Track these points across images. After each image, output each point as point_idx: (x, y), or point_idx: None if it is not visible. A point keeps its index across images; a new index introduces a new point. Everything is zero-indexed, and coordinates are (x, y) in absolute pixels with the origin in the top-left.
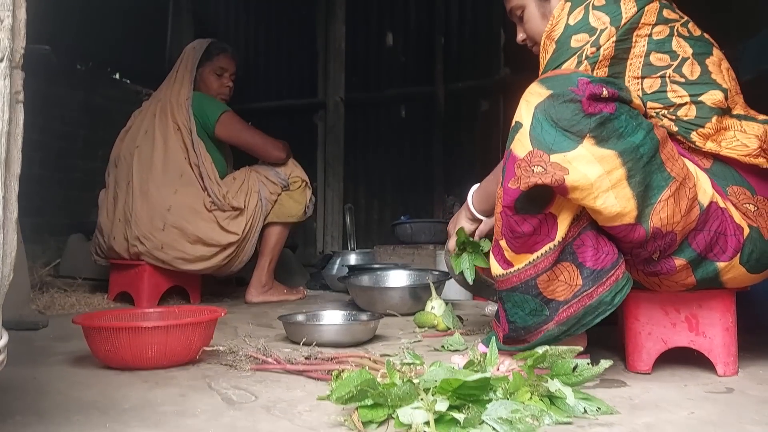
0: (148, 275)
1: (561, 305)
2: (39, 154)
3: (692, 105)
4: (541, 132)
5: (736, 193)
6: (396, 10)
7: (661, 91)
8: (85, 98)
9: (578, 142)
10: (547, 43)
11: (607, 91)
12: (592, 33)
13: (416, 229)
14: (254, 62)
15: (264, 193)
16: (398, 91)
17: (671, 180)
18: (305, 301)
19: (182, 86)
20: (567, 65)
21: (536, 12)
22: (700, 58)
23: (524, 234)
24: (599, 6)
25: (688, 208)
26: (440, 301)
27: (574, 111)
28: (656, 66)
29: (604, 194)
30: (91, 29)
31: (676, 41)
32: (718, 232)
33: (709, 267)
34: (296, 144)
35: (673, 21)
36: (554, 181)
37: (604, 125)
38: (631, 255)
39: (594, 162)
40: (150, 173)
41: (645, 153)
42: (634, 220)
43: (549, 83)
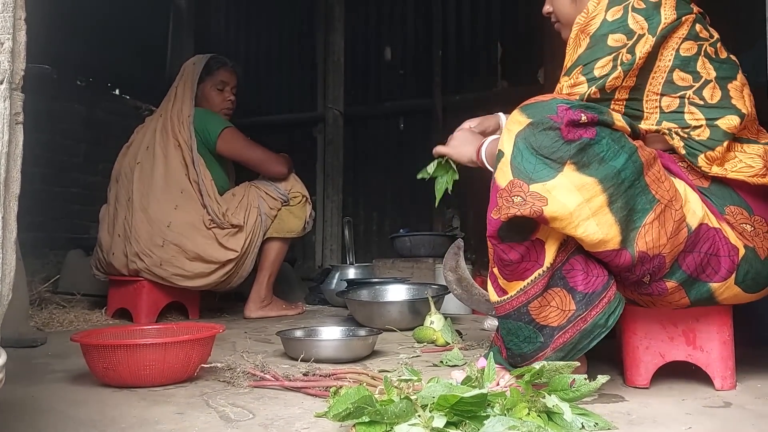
0: (146, 291)
1: (555, 331)
2: (40, 169)
3: (707, 128)
4: (522, 161)
5: (733, 213)
6: (394, 24)
7: (679, 112)
8: (85, 113)
9: (558, 169)
10: (581, 37)
11: (585, 117)
12: (630, 36)
13: (415, 243)
14: (254, 77)
15: (264, 209)
16: (397, 104)
17: (656, 203)
18: (304, 316)
19: (183, 103)
20: (602, 63)
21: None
22: (723, 82)
23: (512, 262)
24: (638, 9)
25: (674, 230)
26: (439, 316)
27: (553, 138)
28: (678, 85)
29: (584, 222)
30: (92, 45)
31: (701, 61)
32: (709, 253)
33: (702, 288)
34: (296, 157)
35: (703, 40)
36: (533, 212)
37: (584, 151)
38: (621, 278)
39: (573, 190)
40: (151, 189)
41: (627, 177)
42: (618, 246)
43: (529, 111)
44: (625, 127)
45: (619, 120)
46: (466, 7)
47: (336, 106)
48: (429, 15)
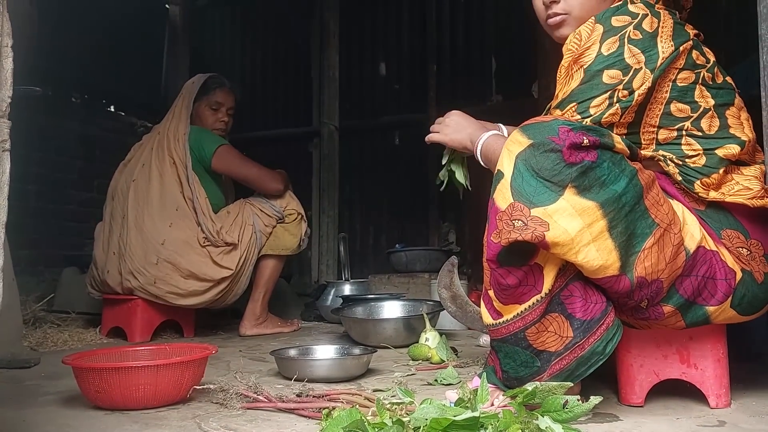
0: (141, 310)
1: (553, 357)
2: (35, 187)
3: (704, 156)
4: (522, 183)
5: (729, 236)
6: (389, 39)
7: (676, 143)
8: (80, 130)
9: (559, 193)
10: (574, 68)
11: (587, 140)
12: (626, 72)
13: (411, 258)
14: (250, 92)
15: (258, 226)
16: (392, 118)
17: (655, 227)
18: (299, 334)
19: (180, 121)
20: (598, 102)
21: None
22: (721, 109)
23: (510, 286)
24: (635, 40)
25: (673, 254)
26: (434, 333)
27: (555, 161)
28: (675, 117)
29: (585, 248)
30: (87, 62)
31: (699, 90)
32: (706, 276)
33: (699, 311)
34: (291, 171)
35: (700, 67)
36: (534, 237)
37: (585, 174)
38: (618, 303)
39: (575, 215)
40: (146, 207)
41: (627, 201)
42: (617, 271)
43: (530, 132)
44: (624, 149)
45: (619, 142)
46: (460, 22)
47: (331, 120)
48: (423, 30)
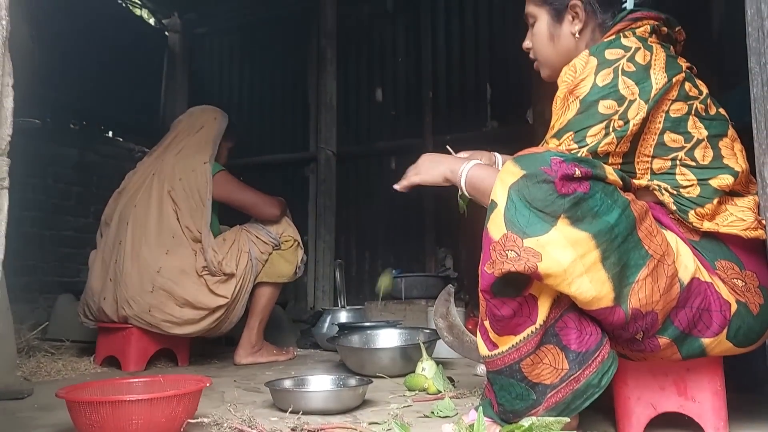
0: (135, 339)
1: (548, 389)
2: (32, 213)
3: (698, 186)
4: (515, 214)
5: (724, 267)
6: (385, 65)
7: (670, 173)
8: (78, 156)
9: (552, 223)
10: (570, 99)
11: (580, 171)
12: (621, 102)
13: (408, 284)
14: (247, 118)
15: (255, 253)
16: (388, 144)
17: (648, 258)
18: (295, 362)
19: (202, 153)
20: (594, 131)
21: (545, 30)
22: (714, 140)
23: (504, 317)
24: (629, 72)
25: (667, 286)
26: (431, 362)
27: (547, 192)
28: (669, 147)
29: (578, 279)
30: (86, 88)
31: (692, 121)
32: (701, 308)
33: (695, 343)
34: (288, 197)
35: (692, 99)
36: (527, 269)
37: (578, 205)
38: (613, 335)
39: (567, 246)
40: (143, 234)
41: (620, 233)
42: (611, 303)
43: (523, 163)
44: (617, 180)
45: (611, 173)
46: (455, 49)
47: (328, 146)
48: (419, 57)
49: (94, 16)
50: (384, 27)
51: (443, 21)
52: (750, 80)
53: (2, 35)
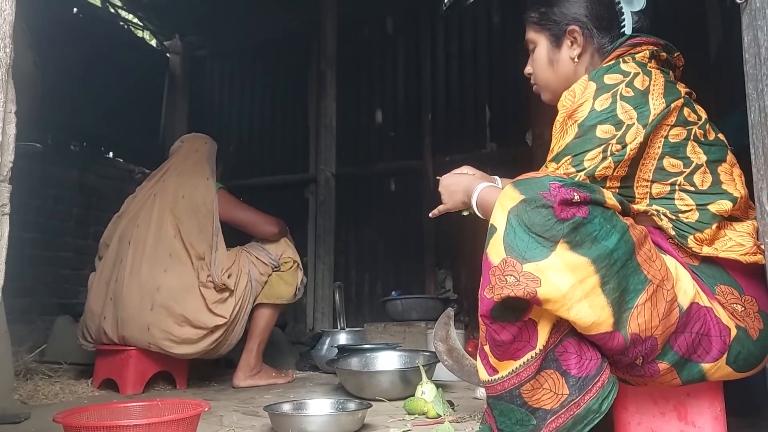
0: (134, 361)
1: (548, 415)
2: (31, 235)
3: (697, 211)
4: (515, 238)
5: (723, 292)
6: (385, 87)
7: (669, 198)
8: (78, 177)
9: (551, 248)
10: (568, 123)
11: (578, 196)
12: (618, 127)
13: (407, 306)
14: (247, 139)
15: (254, 274)
16: (388, 165)
17: (648, 283)
18: (294, 385)
19: (203, 177)
20: (592, 155)
21: (545, 56)
22: (713, 166)
23: (504, 342)
24: (627, 97)
25: (666, 311)
26: (431, 386)
27: (546, 216)
28: (668, 172)
29: (577, 304)
30: (86, 109)
31: (691, 146)
32: (701, 333)
33: (694, 369)
34: (288, 218)
35: (691, 124)
36: (526, 294)
37: (577, 230)
38: (613, 360)
39: (567, 271)
40: (144, 252)
41: (619, 257)
42: (611, 328)
43: (522, 187)
44: (616, 205)
45: (610, 198)
46: (455, 71)
47: (328, 167)
48: (418, 79)
49: (96, 38)
50: (384, 49)
51: (443, 43)
52: (747, 106)
53: (6, 63)
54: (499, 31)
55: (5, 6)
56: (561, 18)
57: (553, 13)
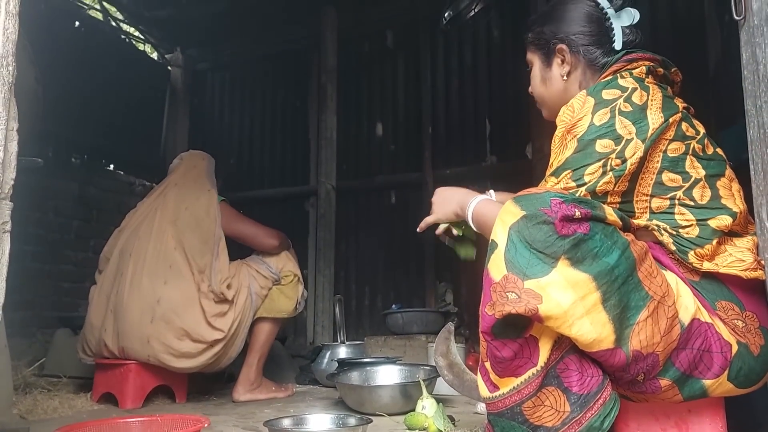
0: (133, 375)
1: None
2: (31, 247)
3: (697, 226)
4: (516, 255)
5: (724, 308)
6: (385, 100)
7: (669, 212)
8: (78, 190)
9: (552, 265)
10: (567, 138)
11: (579, 212)
12: (618, 141)
13: (407, 319)
14: (248, 152)
15: (254, 288)
16: (388, 178)
17: (649, 299)
18: (294, 399)
19: (204, 193)
20: (592, 170)
21: (539, 74)
22: (712, 180)
23: (505, 359)
24: (625, 112)
25: (668, 327)
26: (431, 401)
27: (547, 233)
28: (667, 186)
29: (578, 321)
30: (87, 121)
31: (689, 161)
32: (702, 349)
33: (696, 385)
34: (289, 230)
35: (690, 138)
36: (528, 311)
37: (578, 246)
38: (614, 377)
39: (568, 287)
40: (145, 264)
41: (620, 274)
42: (612, 345)
43: (523, 203)
44: (617, 221)
45: (611, 214)
46: (455, 84)
47: (328, 180)
48: (418, 93)
49: (98, 51)
50: (384, 63)
51: (443, 57)
52: (746, 122)
53: (8, 81)
54: (498, 45)
55: (8, 25)
56: (550, 37)
57: (544, 32)
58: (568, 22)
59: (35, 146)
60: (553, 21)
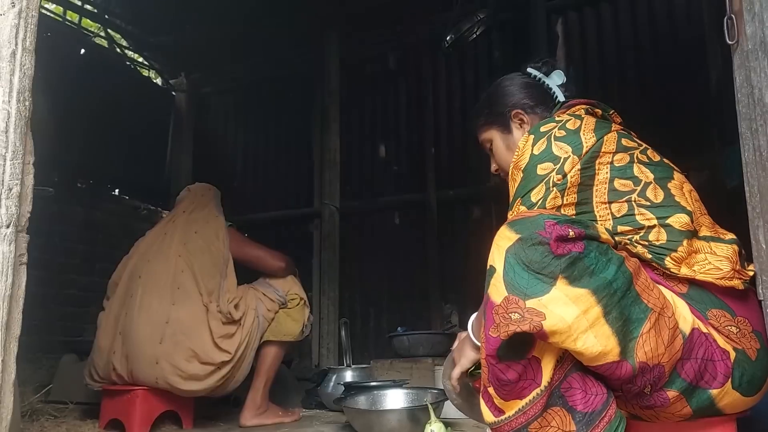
0: (140, 401)
1: None
2: (38, 272)
3: (661, 228)
4: (514, 276)
5: (716, 316)
6: (387, 122)
7: (630, 215)
8: (84, 215)
9: (551, 284)
10: (515, 173)
11: (573, 232)
12: (556, 162)
13: (413, 342)
14: (252, 174)
15: (261, 310)
16: (391, 199)
17: (649, 311)
18: (301, 424)
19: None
20: (536, 191)
21: (501, 144)
22: (662, 182)
23: (510, 381)
24: (560, 137)
25: (670, 338)
26: (439, 425)
27: (543, 253)
28: (621, 191)
29: (583, 335)
30: (92, 146)
31: (637, 167)
32: (705, 358)
33: (703, 395)
34: (293, 252)
35: (632, 149)
36: (532, 328)
37: (574, 264)
38: (621, 391)
39: (569, 303)
40: (156, 286)
41: (619, 288)
42: (618, 357)
43: (517, 226)
44: (609, 239)
45: (604, 233)
46: (457, 106)
47: (332, 202)
48: (421, 114)
49: (103, 78)
50: (386, 85)
51: (444, 78)
52: (741, 145)
53: (25, 115)
54: (499, 65)
55: (25, 61)
56: (502, 108)
57: (494, 109)
58: (511, 94)
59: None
60: (498, 98)
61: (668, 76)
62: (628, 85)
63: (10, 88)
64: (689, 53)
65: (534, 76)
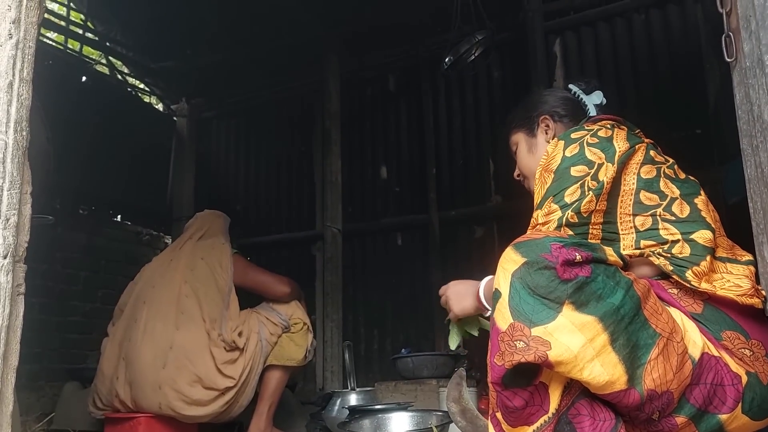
0: (143, 428)
1: None
2: (39, 299)
3: (685, 243)
4: (520, 302)
5: (730, 338)
6: (389, 144)
7: (653, 229)
8: (86, 241)
9: (557, 310)
10: (545, 175)
11: (580, 255)
12: (590, 166)
13: (417, 363)
14: (254, 197)
15: (264, 334)
16: (394, 220)
17: (658, 337)
18: None
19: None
20: (570, 191)
21: (525, 147)
22: (689, 198)
23: (517, 408)
24: (593, 143)
25: (679, 364)
26: None
27: (549, 278)
28: (646, 204)
29: (589, 364)
30: (94, 173)
31: (663, 182)
32: (715, 383)
33: (712, 420)
34: (295, 275)
35: (659, 163)
36: (537, 358)
37: (581, 289)
38: (630, 417)
39: (575, 331)
40: (159, 311)
41: (626, 313)
42: (625, 386)
43: (523, 249)
44: (618, 261)
45: (611, 255)
46: (457, 125)
47: (334, 224)
48: (422, 134)
49: (104, 104)
50: (387, 106)
51: (444, 98)
52: (743, 161)
53: (22, 145)
54: (499, 85)
55: (22, 91)
56: (533, 112)
57: (526, 113)
58: (545, 102)
59: (42, 198)
60: (533, 104)
61: (666, 94)
62: (627, 103)
63: (7, 118)
64: (687, 70)
65: (574, 93)
